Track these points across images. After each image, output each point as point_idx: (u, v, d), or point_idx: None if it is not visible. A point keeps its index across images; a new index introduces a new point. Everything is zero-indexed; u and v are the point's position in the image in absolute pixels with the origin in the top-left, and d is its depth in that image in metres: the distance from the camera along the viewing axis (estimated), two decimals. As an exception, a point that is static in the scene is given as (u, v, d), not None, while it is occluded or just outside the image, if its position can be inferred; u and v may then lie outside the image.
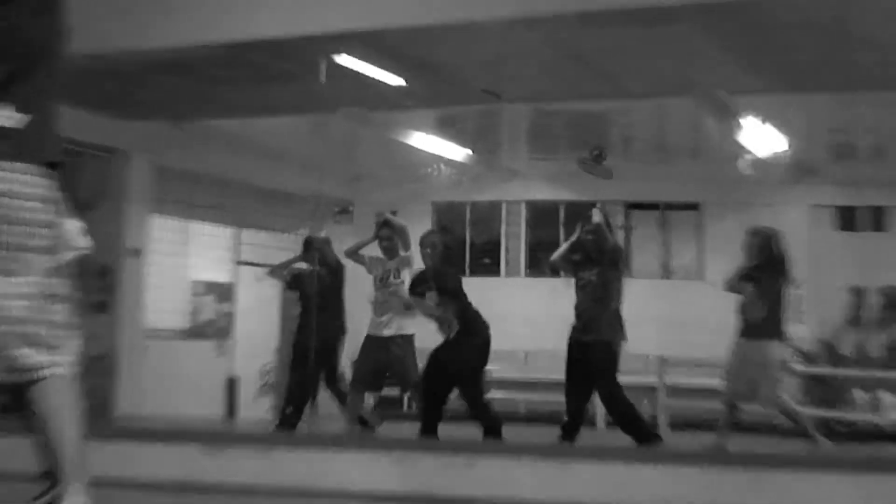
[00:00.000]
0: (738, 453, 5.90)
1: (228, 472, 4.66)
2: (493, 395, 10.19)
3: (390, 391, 8.27)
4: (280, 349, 11.80)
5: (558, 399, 7.18)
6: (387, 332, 7.28)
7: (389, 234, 7.51)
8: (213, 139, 9.99)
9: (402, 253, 7.39)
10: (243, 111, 9.21)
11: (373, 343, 7.34)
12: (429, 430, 6.58)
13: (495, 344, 6.99)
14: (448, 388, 6.71)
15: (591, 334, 6.72)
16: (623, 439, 6.69)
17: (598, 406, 9.47)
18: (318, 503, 4.44)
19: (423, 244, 6.91)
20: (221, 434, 7.46)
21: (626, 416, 6.70)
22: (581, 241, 6.94)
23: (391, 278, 7.37)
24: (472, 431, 6.74)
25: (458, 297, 6.73)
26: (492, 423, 6.66)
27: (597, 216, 6.87)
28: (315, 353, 7.83)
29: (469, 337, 6.68)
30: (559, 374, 7.02)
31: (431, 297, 6.70)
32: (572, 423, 6.72)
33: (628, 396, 6.79)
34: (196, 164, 10.21)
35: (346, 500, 4.43)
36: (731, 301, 7.08)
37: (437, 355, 6.71)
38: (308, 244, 8.35)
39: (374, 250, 7.63)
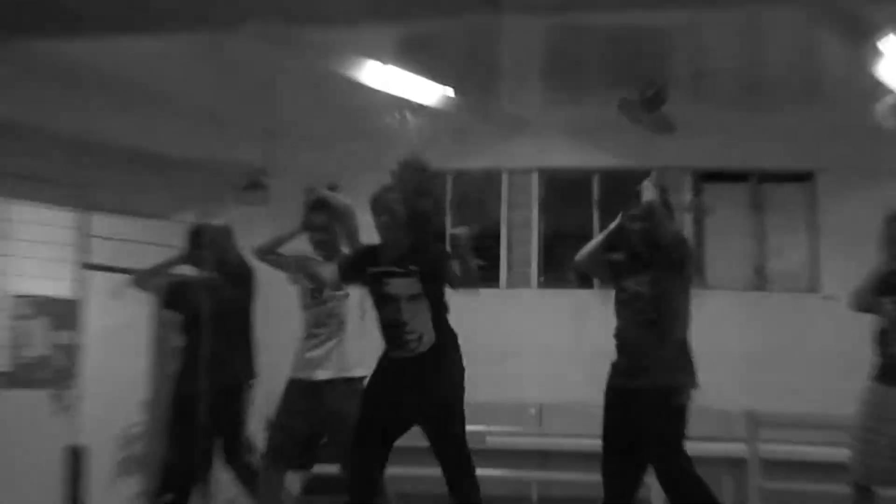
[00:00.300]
0: None
1: None
2: (488, 472, 10.52)
3: (326, 468, 8.33)
4: (152, 402, 11.86)
5: (590, 479, 7.31)
6: (321, 375, 7.38)
7: (325, 222, 7.60)
8: (43, 71, 10.04)
9: (345, 251, 7.47)
10: (93, 26, 9.25)
11: (300, 391, 7.43)
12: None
13: (491, 395, 7.03)
14: (398, 432, 6.82)
15: (643, 378, 6.87)
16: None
17: (654, 489, 9.69)
18: None
19: (375, 209, 6.98)
20: None
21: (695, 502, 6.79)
22: (625, 231, 7.09)
23: (328, 290, 7.45)
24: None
25: (442, 291, 6.86)
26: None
27: (649, 192, 6.97)
28: (207, 410, 7.94)
29: (454, 354, 6.83)
30: (592, 440, 7.18)
31: (407, 286, 6.77)
32: None
33: (701, 474, 6.89)
34: (15, 111, 10.20)
35: None
36: (863, 326, 7.27)
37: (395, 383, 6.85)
38: (196, 237, 8.42)
39: (301, 247, 7.69)
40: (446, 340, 6.78)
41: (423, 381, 6.70)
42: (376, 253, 6.93)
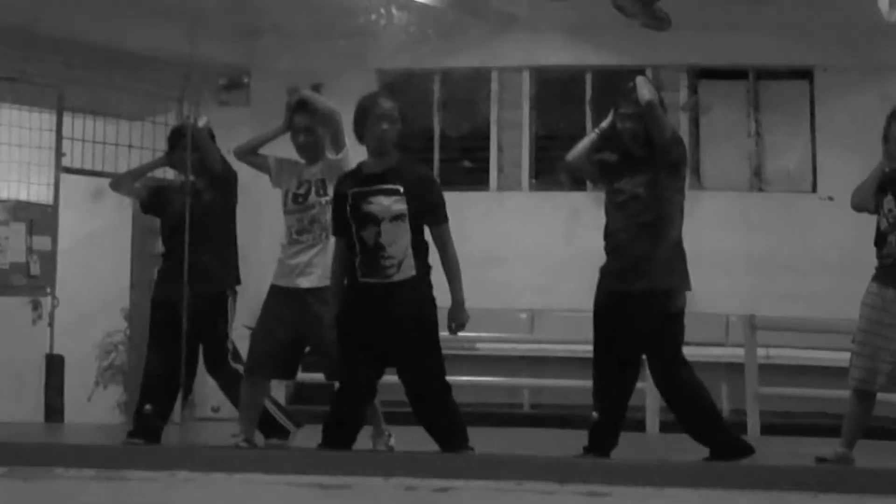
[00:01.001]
0: (869, 471, 6.09)
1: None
2: (482, 379, 10.50)
3: (311, 375, 8.32)
4: (132, 311, 11.99)
5: (582, 385, 7.33)
6: (305, 283, 7.33)
7: (308, 123, 7.50)
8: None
9: (330, 155, 7.39)
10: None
11: (282, 299, 7.41)
12: (341, 434, 6.64)
13: (483, 300, 7.01)
14: (383, 364, 6.72)
15: (638, 281, 6.83)
16: (691, 449, 6.84)
17: (649, 395, 9.70)
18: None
19: (371, 115, 6.70)
20: (41, 448, 7.52)
21: (694, 410, 6.83)
22: (617, 130, 7.03)
23: (312, 194, 7.39)
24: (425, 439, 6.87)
25: (424, 219, 6.72)
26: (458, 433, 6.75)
27: (646, 90, 6.89)
28: (190, 318, 7.91)
29: (428, 289, 6.71)
30: (584, 346, 7.22)
31: (391, 204, 6.60)
32: (606, 424, 6.86)
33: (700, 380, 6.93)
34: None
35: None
36: (863, 226, 7.22)
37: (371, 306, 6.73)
38: (176, 138, 8.35)
39: (284, 149, 7.59)
40: (423, 273, 6.64)
41: (396, 311, 6.58)
42: (359, 171, 6.80)
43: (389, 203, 6.59)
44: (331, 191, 7.12)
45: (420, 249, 6.62)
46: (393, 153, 6.72)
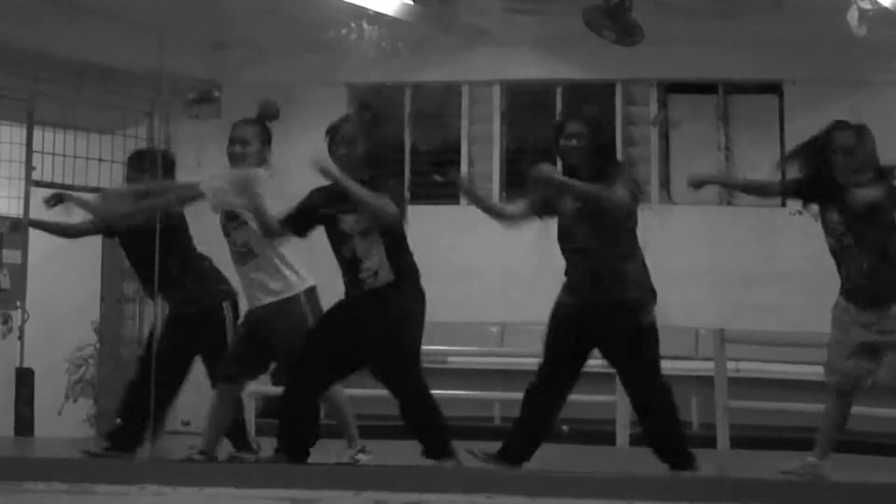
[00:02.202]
0: (836, 484, 6.23)
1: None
2: (450, 392, 10.54)
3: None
4: (102, 325, 12.12)
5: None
6: (259, 303, 7.60)
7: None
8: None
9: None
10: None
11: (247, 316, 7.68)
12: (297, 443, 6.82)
13: (453, 315, 7.05)
14: (346, 367, 6.97)
15: (606, 293, 6.95)
16: (659, 463, 6.90)
17: (619, 409, 9.74)
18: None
19: (333, 139, 7.04)
20: (11, 462, 7.52)
21: (662, 424, 6.92)
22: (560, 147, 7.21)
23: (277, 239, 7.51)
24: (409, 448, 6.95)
25: (398, 228, 6.93)
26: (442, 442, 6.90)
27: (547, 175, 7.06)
28: (181, 335, 8.01)
29: (411, 291, 6.93)
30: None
31: (357, 221, 6.86)
32: (528, 431, 7.02)
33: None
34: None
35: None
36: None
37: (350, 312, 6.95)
38: (140, 160, 8.49)
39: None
40: (404, 277, 6.91)
41: (372, 316, 6.85)
42: (328, 191, 7.01)
43: (356, 219, 6.87)
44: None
45: (397, 255, 6.88)
46: (357, 174, 6.88)
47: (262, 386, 11.67)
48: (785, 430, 10.79)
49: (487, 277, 12.28)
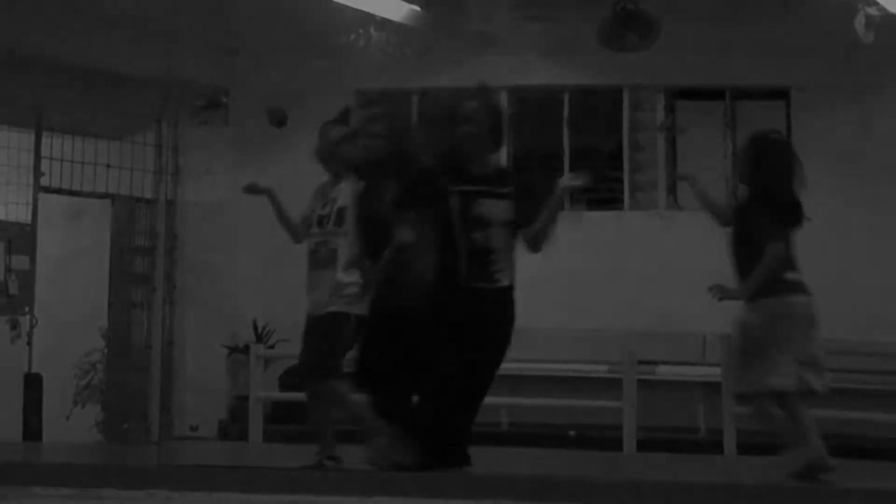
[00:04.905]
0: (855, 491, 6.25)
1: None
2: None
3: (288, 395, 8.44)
4: (110, 330, 12.22)
5: (561, 405, 7.34)
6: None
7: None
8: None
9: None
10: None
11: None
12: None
13: None
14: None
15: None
16: (667, 468, 6.81)
17: (627, 414, 9.78)
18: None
19: (453, 117, 6.77)
20: (19, 467, 7.56)
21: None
22: None
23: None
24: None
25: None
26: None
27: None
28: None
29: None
30: (563, 365, 7.23)
31: (502, 210, 6.55)
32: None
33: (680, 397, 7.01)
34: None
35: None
36: (843, 247, 7.28)
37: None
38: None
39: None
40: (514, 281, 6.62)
41: (501, 318, 6.57)
42: (458, 169, 6.66)
43: (502, 208, 6.55)
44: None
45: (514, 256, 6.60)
46: (488, 155, 6.68)
47: (271, 392, 11.95)
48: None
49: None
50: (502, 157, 12.38)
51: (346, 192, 7.47)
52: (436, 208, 6.50)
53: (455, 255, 6.48)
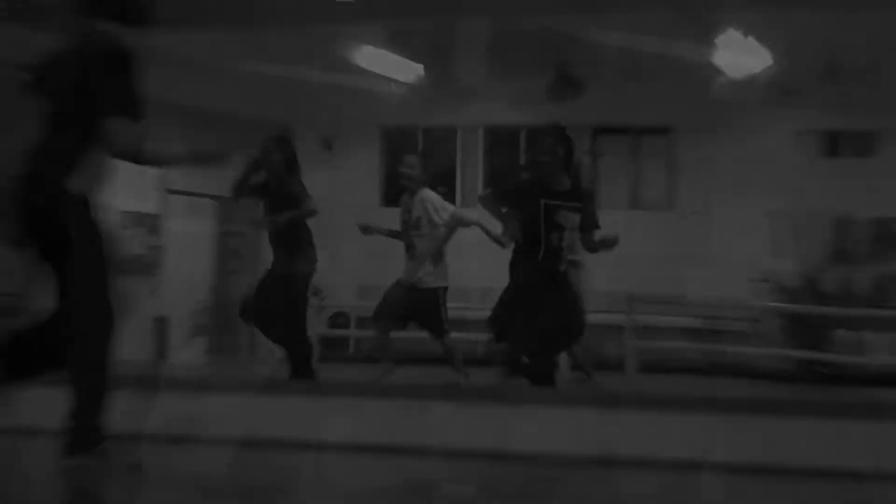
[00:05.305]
0: (699, 398, 6.80)
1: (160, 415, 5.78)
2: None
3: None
4: (214, 286, 14.84)
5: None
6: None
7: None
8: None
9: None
10: (170, 19, 8.98)
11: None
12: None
13: (450, 280, 9.04)
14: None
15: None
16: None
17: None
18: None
19: (534, 148, 7.74)
20: (152, 378, 7.31)
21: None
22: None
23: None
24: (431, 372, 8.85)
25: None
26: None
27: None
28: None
29: None
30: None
31: (573, 220, 7.50)
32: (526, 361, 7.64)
33: (596, 336, 8.93)
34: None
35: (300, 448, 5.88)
36: (703, 233, 9.75)
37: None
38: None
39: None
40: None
41: (567, 289, 7.64)
42: (544, 186, 7.43)
43: (573, 218, 7.56)
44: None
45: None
46: (563, 179, 7.50)
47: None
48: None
49: (475, 254, 11.11)
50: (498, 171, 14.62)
51: (418, 205, 8.99)
52: (527, 214, 7.52)
53: (538, 248, 7.47)
